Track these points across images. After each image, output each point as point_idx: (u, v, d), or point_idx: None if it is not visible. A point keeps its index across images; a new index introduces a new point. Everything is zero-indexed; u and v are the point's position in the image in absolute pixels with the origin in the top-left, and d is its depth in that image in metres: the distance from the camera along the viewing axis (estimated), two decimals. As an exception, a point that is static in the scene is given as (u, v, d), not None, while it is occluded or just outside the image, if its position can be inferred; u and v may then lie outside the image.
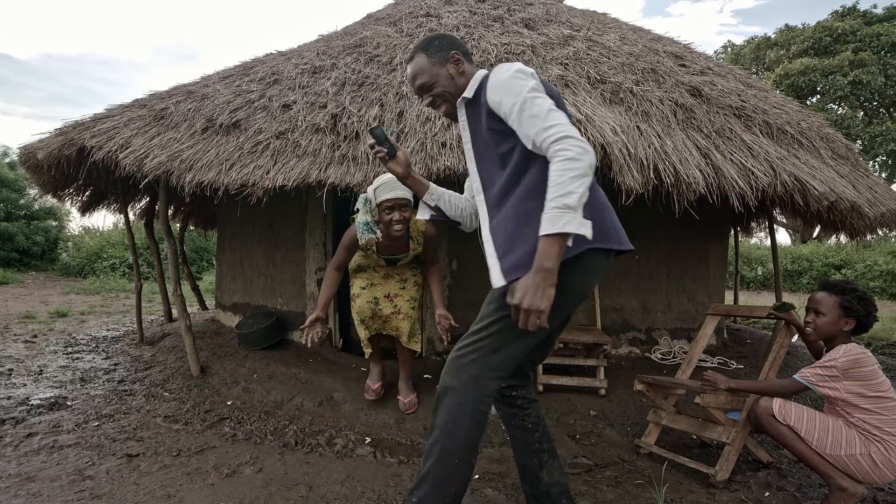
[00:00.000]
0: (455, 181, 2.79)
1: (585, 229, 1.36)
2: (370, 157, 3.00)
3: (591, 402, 3.36)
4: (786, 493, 2.36)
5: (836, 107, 17.51)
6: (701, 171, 2.75)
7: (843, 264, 13.00)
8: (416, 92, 1.77)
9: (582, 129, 2.77)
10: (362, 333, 3.10)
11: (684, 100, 3.19)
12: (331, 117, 3.27)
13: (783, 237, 19.59)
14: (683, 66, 3.63)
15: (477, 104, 1.65)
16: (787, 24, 19.52)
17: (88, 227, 15.05)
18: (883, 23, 16.63)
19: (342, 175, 2.96)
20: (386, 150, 1.77)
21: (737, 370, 4.20)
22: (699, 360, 4.25)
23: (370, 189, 2.70)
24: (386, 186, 2.63)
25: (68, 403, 3.33)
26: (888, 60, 16.06)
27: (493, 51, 3.41)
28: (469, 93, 1.66)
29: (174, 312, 6.23)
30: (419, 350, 3.18)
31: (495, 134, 1.57)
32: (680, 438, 3.00)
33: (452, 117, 1.77)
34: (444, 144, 2.83)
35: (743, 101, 3.38)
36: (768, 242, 17.14)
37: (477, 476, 2.46)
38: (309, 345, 2.65)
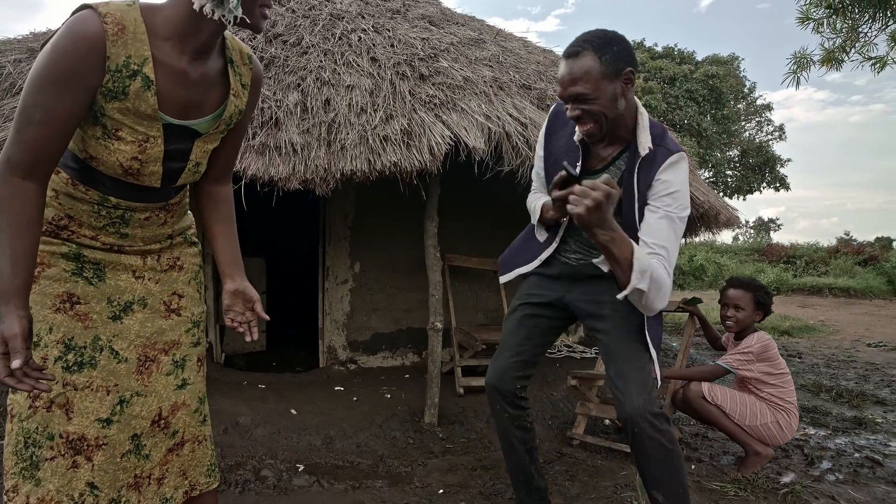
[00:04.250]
0: (402, 178, 2.62)
1: None
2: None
3: (511, 399, 3.44)
4: (705, 463, 2.68)
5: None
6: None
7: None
8: (566, 97, 1.46)
9: (529, 133, 2.81)
10: None
11: (594, 111, 3.43)
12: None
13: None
14: (581, 79, 3.92)
15: (646, 163, 1.52)
16: (592, 51, 22.48)
17: None
18: (663, 59, 20.13)
19: (264, 167, 2.58)
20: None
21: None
22: (581, 353, 4.65)
23: None
24: None
25: None
26: (667, 91, 19.45)
27: (417, 45, 3.27)
28: (645, 149, 1.51)
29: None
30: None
31: (641, 205, 1.55)
32: (596, 425, 3.22)
33: (593, 138, 1.53)
34: (386, 139, 2.63)
35: (635, 116, 3.76)
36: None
37: (441, 491, 2.35)
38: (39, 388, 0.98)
